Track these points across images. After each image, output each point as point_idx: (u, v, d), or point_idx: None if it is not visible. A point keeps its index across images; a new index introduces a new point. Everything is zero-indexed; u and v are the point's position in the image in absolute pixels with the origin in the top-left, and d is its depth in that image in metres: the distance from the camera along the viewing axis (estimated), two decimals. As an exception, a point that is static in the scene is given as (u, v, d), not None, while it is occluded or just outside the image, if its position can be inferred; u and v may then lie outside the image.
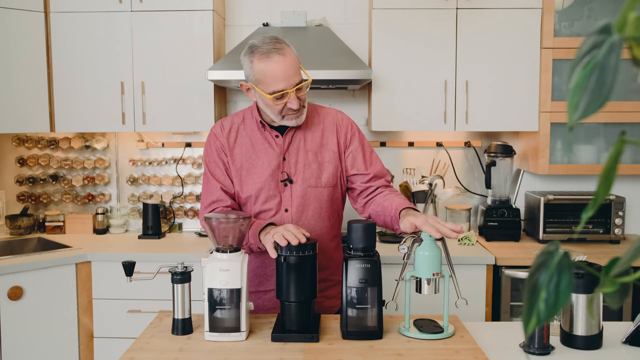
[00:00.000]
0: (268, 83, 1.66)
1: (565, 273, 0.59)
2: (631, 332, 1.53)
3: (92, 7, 2.90)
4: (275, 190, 1.78)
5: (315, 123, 1.83)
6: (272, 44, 1.66)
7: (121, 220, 3.23)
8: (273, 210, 1.78)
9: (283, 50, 1.66)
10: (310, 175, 1.78)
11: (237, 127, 1.83)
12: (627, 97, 2.83)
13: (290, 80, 1.65)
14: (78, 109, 2.95)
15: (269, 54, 1.64)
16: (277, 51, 1.65)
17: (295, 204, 1.78)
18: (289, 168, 1.78)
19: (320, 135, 1.82)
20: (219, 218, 1.56)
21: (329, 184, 1.81)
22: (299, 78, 1.68)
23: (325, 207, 1.81)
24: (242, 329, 1.52)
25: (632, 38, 0.52)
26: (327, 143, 1.82)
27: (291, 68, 1.66)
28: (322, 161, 1.80)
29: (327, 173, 1.80)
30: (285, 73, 1.65)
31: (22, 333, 2.57)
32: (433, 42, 2.84)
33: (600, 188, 0.57)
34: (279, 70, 1.64)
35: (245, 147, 1.81)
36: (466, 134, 3.20)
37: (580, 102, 0.53)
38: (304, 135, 1.81)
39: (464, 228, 3.03)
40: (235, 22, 3.22)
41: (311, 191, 1.78)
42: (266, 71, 1.65)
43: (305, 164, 1.78)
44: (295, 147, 1.79)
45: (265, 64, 1.65)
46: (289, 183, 1.78)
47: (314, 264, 1.55)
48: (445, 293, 1.58)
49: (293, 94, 1.66)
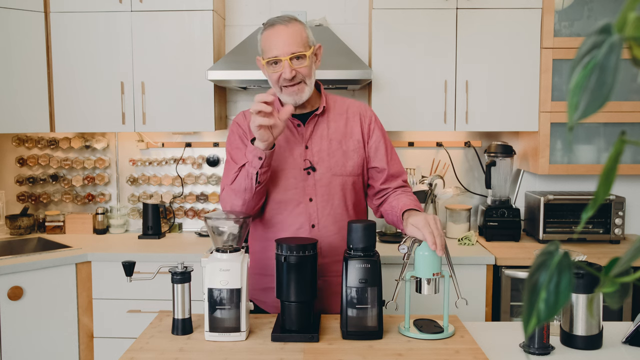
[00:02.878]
0: (266, 50, 1.70)
1: (565, 273, 0.59)
2: (631, 332, 1.53)
3: (92, 7, 2.90)
4: (297, 178, 1.75)
5: (339, 112, 1.83)
6: (283, 18, 1.70)
7: (121, 220, 3.23)
8: (295, 199, 1.75)
9: (289, 22, 1.68)
10: (335, 163, 1.77)
11: None
12: (627, 97, 2.83)
13: (285, 48, 1.66)
14: (78, 109, 2.95)
15: (274, 24, 1.69)
16: (281, 22, 1.68)
17: (320, 192, 1.76)
18: (311, 156, 1.77)
19: (344, 124, 1.81)
20: (219, 217, 1.56)
21: (353, 173, 1.79)
22: (295, 48, 1.67)
23: (350, 195, 1.80)
24: (242, 329, 1.52)
25: (632, 38, 0.52)
26: (352, 132, 1.81)
27: (289, 37, 1.67)
28: (347, 150, 1.79)
29: (352, 162, 1.79)
30: (282, 40, 1.66)
31: (22, 333, 2.57)
32: (433, 42, 2.84)
33: (600, 188, 0.57)
34: (276, 37, 1.67)
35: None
36: (466, 134, 3.20)
37: (580, 102, 0.53)
38: (327, 124, 1.80)
39: (464, 228, 3.03)
40: (235, 22, 3.22)
41: (336, 179, 1.77)
42: (266, 38, 1.70)
43: (329, 152, 1.77)
44: (319, 136, 1.78)
45: (268, 32, 1.69)
46: (312, 171, 1.76)
47: (314, 264, 1.55)
48: (445, 293, 1.58)
49: (287, 63, 1.66)
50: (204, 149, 3.28)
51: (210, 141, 3.27)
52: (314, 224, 1.76)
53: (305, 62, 1.69)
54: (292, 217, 1.75)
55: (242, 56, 2.80)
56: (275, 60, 1.67)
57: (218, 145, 3.26)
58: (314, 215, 1.76)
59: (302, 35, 1.69)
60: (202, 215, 3.28)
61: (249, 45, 2.88)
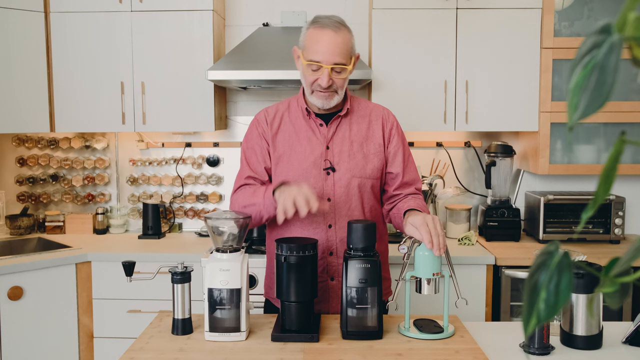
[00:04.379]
0: (309, 50, 1.68)
1: (565, 273, 0.59)
2: (631, 332, 1.53)
3: (92, 7, 2.90)
4: (317, 178, 1.76)
5: (362, 115, 1.83)
6: (334, 21, 1.68)
7: (121, 220, 3.23)
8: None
9: (339, 29, 1.67)
10: (355, 165, 1.77)
11: (281, 114, 1.83)
12: (627, 97, 2.83)
13: (329, 56, 1.65)
14: (78, 109, 2.95)
15: (324, 26, 1.67)
16: (332, 27, 1.66)
17: (338, 193, 1.76)
18: (332, 157, 1.77)
19: (367, 127, 1.82)
20: (219, 217, 1.56)
21: (373, 176, 1.80)
22: (340, 59, 1.66)
23: (367, 198, 1.80)
24: (242, 329, 1.52)
25: (632, 38, 0.52)
26: (374, 136, 1.81)
27: (337, 46, 1.66)
28: (368, 153, 1.79)
29: (372, 165, 1.79)
30: (329, 47, 1.65)
31: (22, 333, 2.57)
32: (433, 42, 2.84)
33: (600, 188, 0.57)
34: (324, 41, 1.65)
35: (288, 134, 1.80)
36: (466, 134, 3.20)
37: (580, 102, 0.53)
38: (349, 125, 1.80)
39: (464, 228, 3.03)
40: (235, 22, 3.22)
41: (355, 181, 1.77)
42: (313, 38, 1.68)
43: (350, 153, 1.78)
44: (340, 137, 1.79)
45: (316, 31, 1.68)
46: (332, 172, 1.76)
47: (314, 264, 1.55)
48: (445, 293, 1.58)
49: (327, 71, 1.66)
50: (204, 149, 3.28)
51: (210, 141, 3.27)
52: (331, 224, 1.77)
53: (344, 74, 1.70)
54: (309, 216, 1.75)
55: (242, 56, 2.80)
56: (316, 65, 1.67)
57: (218, 145, 3.26)
58: (331, 216, 1.76)
59: (348, 46, 1.69)
60: (202, 215, 3.27)
61: (249, 45, 2.88)
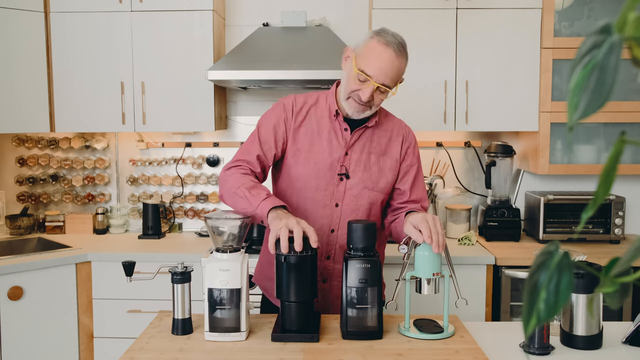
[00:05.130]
0: (365, 61, 1.66)
1: (565, 273, 0.59)
2: (631, 332, 1.53)
3: (92, 7, 2.90)
4: (329, 181, 1.75)
5: (384, 129, 1.82)
6: (398, 43, 1.67)
7: (121, 220, 3.23)
8: (322, 201, 1.75)
9: (400, 54, 1.66)
10: (369, 177, 1.76)
11: (308, 107, 1.81)
12: (627, 97, 2.83)
13: (382, 75, 1.64)
14: (78, 109, 2.95)
15: (389, 44, 1.65)
16: (395, 48, 1.65)
17: (347, 201, 1.75)
18: (349, 164, 1.76)
19: (387, 142, 1.81)
20: (219, 217, 1.56)
21: (384, 191, 1.79)
22: (389, 82, 1.66)
23: (374, 211, 1.80)
24: (242, 329, 1.52)
25: (632, 38, 0.52)
26: (391, 151, 1.81)
27: (392, 68, 1.65)
28: (383, 167, 1.79)
29: (385, 180, 1.79)
30: (385, 67, 1.64)
31: (22, 333, 2.57)
32: (433, 42, 2.83)
33: (600, 188, 0.57)
34: (383, 60, 1.64)
35: (311, 129, 1.78)
36: (466, 134, 3.20)
37: (580, 102, 0.53)
38: (371, 137, 1.80)
39: (464, 228, 3.03)
40: (235, 22, 3.22)
41: (366, 193, 1.76)
42: (374, 52, 1.65)
43: (366, 165, 1.77)
44: (360, 146, 1.78)
45: (379, 46, 1.65)
46: (345, 178, 1.75)
47: (314, 264, 1.55)
48: (445, 293, 1.58)
49: (372, 87, 1.65)
50: (204, 149, 3.28)
51: (210, 141, 3.27)
52: (334, 229, 1.76)
53: (385, 96, 1.70)
54: (315, 217, 1.74)
55: (242, 56, 2.80)
56: (365, 78, 1.65)
57: (218, 145, 3.26)
58: (335, 221, 1.76)
59: (400, 71, 1.69)
60: (202, 215, 3.28)
61: (249, 45, 2.88)
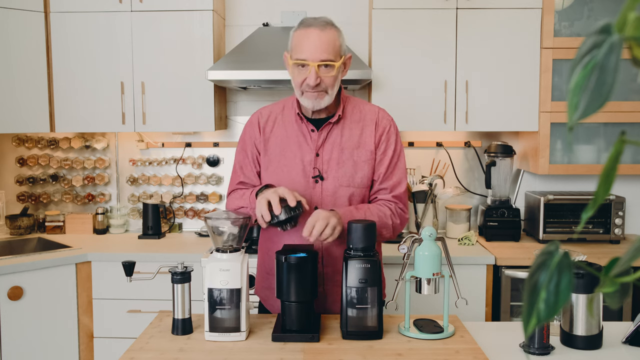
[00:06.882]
0: (296, 50, 1.66)
1: (565, 273, 0.59)
2: (631, 332, 1.53)
3: (92, 7, 2.90)
4: (305, 186, 1.73)
5: (356, 120, 1.78)
6: (320, 21, 1.67)
7: (121, 220, 3.23)
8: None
9: (325, 28, 1.65)
10: (343, 174, 1.73)
11: (275, 117, 1.81)
12: (627, 97, 2.83)
13: (315, 53, 1.63)
14: (78, 109, 2.95)
15: (309, 25, 1.66)
16: (318, 26, 1.65)
17: (326, 202, 1.73)
18: (321, 165, 1.74)
19: (359, 134, 1.76)
20: (219, 217, 1.56)
21: (362, 185, 1.75)
22: (326, 56, 1.64)
23: None
24: (242, 329, 1.52)
25: (632, 38, 0.52)
26: (365, 142, 1.76)
27: (322, 44, 1.63)
28: (358, 160, 1.75)
29: (361, 173, 1.75)
30: (314, 45, 1.63)
31: (22, 333, 2.57)
32: (433, 42, 2.83)
33: (600, 188, 0.57)
34: (309, 40, 1.64)
35: (280, 138, 1.77)
36: (466, 134, 3.20)
37: (580, 102, 0.53)
38: (341, 131, 1.76)
39: (464, 228, 3.03)
40: (235, 22, 3.22)
41: (343, 190, 1.73)
42: (298, 38, 1.66)
43: (339, 162, 1.73)
44: (330, 144, 1.75)
45: (302, 31, 1.66)
46: (320, 180, 1.73)
47: (314, 264, 1.55)
48: (445, 293, 1.58)
49: (314, 69, 1.63)
50: (204, 149, 3.28)
51: (210, 141, 3.27)
52: None
53: (332, 71, 1.66)
54: (299, 224, 1.72)
55: (242, 56, 2.80)
56: (303, 63, 1.64)
57: (218, 145, 3.26)
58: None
59: (336, 44, 1.66)
60: (202, 215, 3.27)
61: (249, 45, 2.88)
